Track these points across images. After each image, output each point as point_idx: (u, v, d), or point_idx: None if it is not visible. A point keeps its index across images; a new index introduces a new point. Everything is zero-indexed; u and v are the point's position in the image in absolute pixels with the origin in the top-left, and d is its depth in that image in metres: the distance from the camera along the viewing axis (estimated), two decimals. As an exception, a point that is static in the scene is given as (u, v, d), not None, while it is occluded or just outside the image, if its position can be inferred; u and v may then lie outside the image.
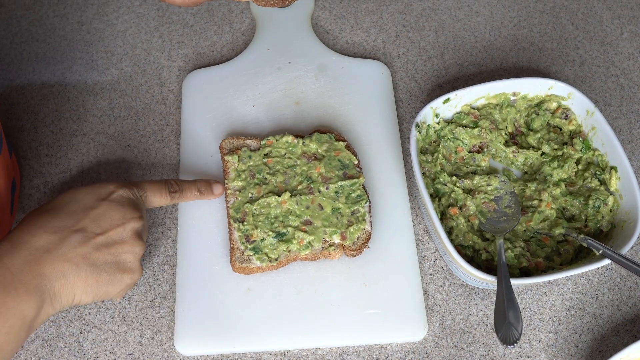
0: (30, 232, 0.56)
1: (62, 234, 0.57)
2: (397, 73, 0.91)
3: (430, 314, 0.73)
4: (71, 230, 0.57)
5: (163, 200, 0.67)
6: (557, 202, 0.76)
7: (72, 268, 0.56)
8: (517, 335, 0.62)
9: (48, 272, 0.55)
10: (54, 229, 0.57)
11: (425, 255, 0.77)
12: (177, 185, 0.69)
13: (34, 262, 0.55)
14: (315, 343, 0.70)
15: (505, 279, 0.65)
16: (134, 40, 0.93)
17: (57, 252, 0.56)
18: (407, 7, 0.97)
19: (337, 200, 0.75)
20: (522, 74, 0.91)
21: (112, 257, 0.59)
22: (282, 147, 0.79)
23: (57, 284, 0.56)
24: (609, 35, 0.96)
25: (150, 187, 0.66)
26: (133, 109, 0.87)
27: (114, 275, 0.59)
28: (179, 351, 0.70)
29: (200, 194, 0.72)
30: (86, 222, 0.58)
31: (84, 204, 0.59)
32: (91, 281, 0.58)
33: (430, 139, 0.80)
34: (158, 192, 0.66)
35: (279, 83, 0.87)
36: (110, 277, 0.59)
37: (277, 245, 0.72)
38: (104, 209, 0.59)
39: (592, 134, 0.78)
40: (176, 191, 0.68)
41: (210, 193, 0.72)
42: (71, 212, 0.58)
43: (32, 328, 0.55)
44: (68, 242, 0.56)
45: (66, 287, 0.56)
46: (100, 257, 0.58)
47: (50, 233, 0.56)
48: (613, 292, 0.75)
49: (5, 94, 0.87)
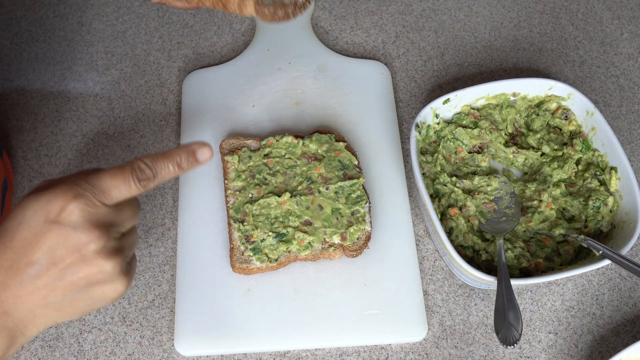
0: None
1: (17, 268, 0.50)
2: (397, 73, 0.91)
3: (430, 314, 0.73)
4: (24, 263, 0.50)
5: (132, 191, 0.53)
6: (557, 203, 0.76)
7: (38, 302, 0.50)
8: (517, 336, 0.62)
9: (12, 310, 0.50)
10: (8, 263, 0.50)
11: (425, 256, 0.77)
12: (147, 168, 0.54)
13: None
14: (315, 343, 0.70)
15: (505, 279, 0.65)
16: (134, 40, 0.93)
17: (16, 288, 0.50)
18: (407, 7, 0.97)
19: (337, 201, 0.75)
20: (522, 74, 0.91)
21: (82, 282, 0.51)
22: (282, 148, 0.79)
23: (25, 319, 0.51)
24: (608, 35, 0.96)
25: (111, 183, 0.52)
26: (133, 109, 0.87)
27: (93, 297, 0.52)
28: (179, 352, 0.70)
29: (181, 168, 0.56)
30: (39, 254, 0.50)
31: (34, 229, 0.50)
32: (67, 309, 0.52)
33: (430, 140, 0.80)
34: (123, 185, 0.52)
35: (279, 83, 0.87)
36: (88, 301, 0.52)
37: (277, 245, 0.72)
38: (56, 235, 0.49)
39: (592, 135, 0.78)
40: (147, 178, 0.53)
41: (194, 161, 0.56)
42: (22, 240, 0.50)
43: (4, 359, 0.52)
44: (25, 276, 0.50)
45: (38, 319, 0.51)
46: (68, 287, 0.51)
47: (6, 268, 0.50)
48: (613, 293, 0.75)
49: (5, 95, 0.87)
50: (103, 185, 0.51)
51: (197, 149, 0.56)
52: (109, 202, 0.52)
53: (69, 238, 0.49)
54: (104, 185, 0.51)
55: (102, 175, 0.52)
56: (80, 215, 0.50)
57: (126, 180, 0.52)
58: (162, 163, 0.54)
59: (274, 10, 0.66)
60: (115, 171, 0.52)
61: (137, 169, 0.53)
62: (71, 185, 0.50)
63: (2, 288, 0.50)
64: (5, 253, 0.50)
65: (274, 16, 0.66)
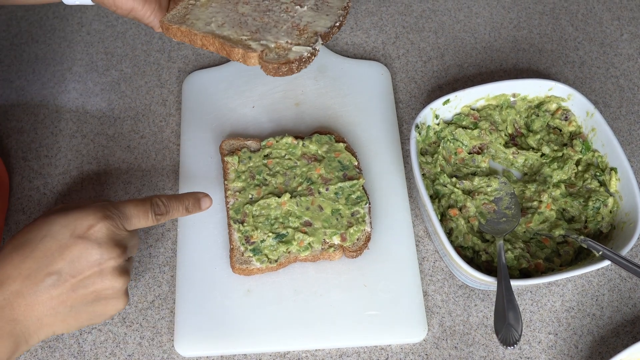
0: (4, 273, 0.54)
1: (35, 277, 0.53)
2: (396, 74, 0.91)
3: (430, 315, 0.73)
4: (45, 273, 0.54)
5: (148, 222, 0.61)
6: (557, 204, 0.76)
7: (47, 312, 0.54)
8: (517, 337, 0.62)
9: (22, 318, 0.53)
10: (27, 272, 0.54)
11: (425, 257, 0.77)
12: (163, 206, 0.62)
13: (7, 307, 0.53)
14: (315, 344, 0.70)
15: (505, 280, 0.65)
16: (134, 41, 0.93)
17: (31, 297, 0.53)
18: (406, 8, 0.97)
19: (337, 202, 0.75)
20: (522, 75, 0.91)
21: (92, 296, 0.56)
22: (282, 148, 0.79)
23: (32, 327, 0.54)
24: (608, 36, 0.96)
25: (134, 212, 0.59)
26: (133, 110, 0.87)
27: (95, 311, 0.57)
28: (179, 352, 0.70)
29: (187, 212, 0.65)
30: (61, 265, 0.54)
31: (59, 242, 0.54)
32: (71, 321, 0.56)
33: (430, 140, 0.80)
34: (143, 216, 0.60)
35: (279, 84, 0.87)
36: (91, 314, 0.57)
37: (277, 246, 0.72)
38: (80, 249, 0.54)
39: (592, 135, 0.78)
40: (162, 213, 0.62)
41: (198, 208, 0.66)
42: (45, 250, 0.54)
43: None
44: (42, 286, 0.54)
45: (43, 329, 0.55)
46: (78, 298, 0.55)
47: (24, 277, 0.53)
48: (613, 294, 0.75)
49: (5, 95, 0.87)
50: (128, 212, 0.59)
51: (202, 198, 0.66)
52: (129, 228, 0.59)
53: (93, 252, 0.55)
54: (129, 212, 0.59)
55: (128, 205, 0.60)
56: (106, 234, 0.56)
57: (146, 212, 0.60)
58: (175, 204, 0.63)
59: (277, 67, 0.66)
60: (138, 203, 0.61)
61: (156, 204, 0.61)
62: (101, 208, 0.57)
63: (17, 296, 0.53)
64: (25, 263, 0.54)
65: (277, 72, 0.66)
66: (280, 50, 0.67)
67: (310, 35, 0.68)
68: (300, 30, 0.69)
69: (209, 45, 0.68)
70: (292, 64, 0.66)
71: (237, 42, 0.67)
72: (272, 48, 0.67)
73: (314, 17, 0.71)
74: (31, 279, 0.53)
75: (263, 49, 0.67)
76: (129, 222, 0.59)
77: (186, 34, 0.69)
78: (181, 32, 0.69)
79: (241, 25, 0.69)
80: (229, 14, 0.70)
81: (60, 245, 0.54)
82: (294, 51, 0.66)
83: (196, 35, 0.68)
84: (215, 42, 0.67)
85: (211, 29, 0.68)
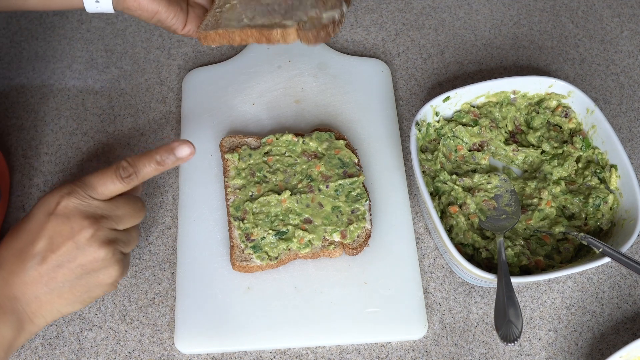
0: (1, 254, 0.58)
1: (23, 257, 0.57)
2: (397, 71, 0.90)
3: (430, 312, 0.73)
4: (29, 254, 0.57)
5: (116, 187, 0.60)
6: (557, 201, 0.76)
7: (42, 289, 0.57)
8: (518, 333, 0.62)
9: (20, 296, 0.56)
10: (16, 252, 0.57)
11: (425, 254, 0.77)
12: (130, 166, 0.60)
13: (5, 286, 0.56)
14: (316, 341, 0.70)
15: (506, 276, 0.65)
16: (134, 38, 0.93)
17: (23, 275, 0.56)
18: (407, 5, 0.97)
19: (337, 199, 0.75)
20: (522, 72, 0.91)
21: (79, 270, 0.58)
22: (282, 146, 0.79)
23: (33, 305, 0.57)
24: (609, 33, 0.96)
25: (97, 181, 0.59)
26: (133, 107, 0.87)
27: (89, 282, 0.59)
28: (179, 349, 0.70)
29: (160, 165, 0.61)
30: (41, 244, 0.57)
31: (37, 221, 0.58)
32: (67, 295, 0.58)
33: (430, 138, 0.80)
34: (109, 180, 0.59)
35: (279, 81, 0.87)
36: (85, 286, 0.59)
37: (277, 243, 0.72)
38: (53, 225, 0.57)
39: (592, 132, 0.78)
40: (129, 174, 0.60)
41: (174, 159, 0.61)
42: (27, 231, 0.58)
43: (13, 347, 0.57)
44: (30, 265, 0.56)
45: (44, 306, 0.57)
46: (66, 273, 0.57)
47: (15, 257, 0.57)
48: (613, 291, 0.75)
49: (5, 93, 0.87)
50: (92, 182, 0.59)
51: (177, 147, 0.61)
52: (98, 197, 0.59)
53: (64, 227, 0.57)
54: (92, 182, 0.59)
55: (92, 175, 0.60)
56: (73, 207, 0.58)
57: (111, 177, 0.60)
58: (142, 162, 0.61)
59: (317, 33, 0.69)
60: (102, 170, 0.61)
61: (120, 167, 0.60)
62: (67, 185, 0.59)
63: (11, 274, 0.56)
64: (15, 242, 0.58)
65: (317, 38, 0.70)
66: (314, 20, 0.71)
67: (333, 1, 0.73)
68: (323, 1, 0.73)
69: (247, 38, 0.72)
70: (328, 27, 0.70)
71: (273, 25, 0.71)
72: (306, 20, 0.71)
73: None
74: (20, 258, 0.57)
75: (298, 23, 0.70)
76: (95, 190, 0.59)
77: (224, 35, 0.72)
78: (219, 35, 0.72)
79: (270, 12, 0.73)
80: (256, 8, 0.74)
81: (38, 224, 0.58)
82: (326, 16, 0.71)
83: (234, 33, 0.72)
84: (253, 32, 0.71)
85: (246, 23, 0.72)
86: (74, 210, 0.58)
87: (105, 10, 0.71)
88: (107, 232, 0.59)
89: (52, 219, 0.57)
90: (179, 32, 0.74)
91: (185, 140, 0.62)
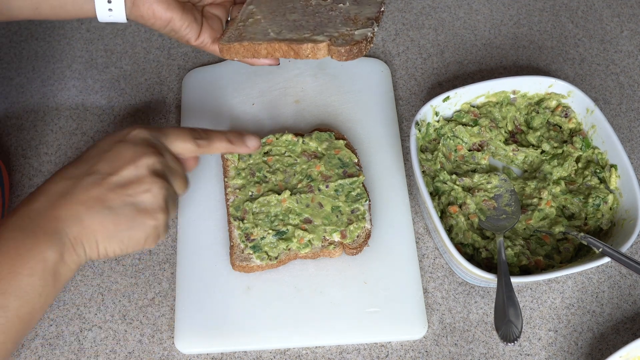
0: (51, 180, 0.57)
1: (77, 178, 0.56)
2: (396, 71, 0.90)
3: (430, 312, 0.73)
4: (85, 174, 0.57)
5: (188, 146, 0.62)
6: (557, 201, 0.76)
7: (86, 211, 0.55)
8: (517, 333, 0.62)
9: (64, 216, 0.55)
10: (70, 175, 0.57)
11: (425, 254, 0.77)
12: (204, 133, 0.63)
13: (50, 207, 0.55)
14: (315, 341, 0.70)
15: (505, 276, 0.65)
16: (134, 38, 0.93)
17: (71, 196, 0.55)
18: (406, 5, 0.97)
19: (337, 199, 0.75)
20: (522, 72, 0.91)
21: (128, 197, 0.56)
22: (282, 146, 0.79)
23: (75, 228, 0.55)
24: (608, 33, 0.96)
25: (173, 132, 0.62)
26: (133, 107, 0.87)
27: (133, 217, 0.57)
28: (179, 349, 0.70)
29: (231, 144, 0.64)
30: (99, 165, 0.57)
31: (100, 148, 0.59)
32: (109, 225, 0.56)
33: (430, 137, 0.80)
34: (182, 137, 0.62)
35: (279, 81, 0.87)
36: (129, 220, 0.56)
37: (277, 243, 0.72)
38: (118, 149, 0.58)
39: (592, 132, 0.78)
40: (203, 138, 0.63)
41: (243, 145, 0.65)
42: (88, 157, 0.58)
43: (59, 274, 0.54)
44: (81, 185, 0.56)
45: (85, 232, 0.55)
46: (115, 198, 0.56)
47: (67, 179, 0.56)
48: (613, 290, 0.75)
49: (5, 93, 0.87)
50: (168, 131, 0.62)
51: (247, 136, 0.66)
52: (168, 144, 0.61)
53: (128, 151, 0.58)
54: (168, 132, 0.62)
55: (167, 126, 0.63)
56: (143, 137, 0.59)
57: (187, 135, 0.62)
58: (217, 135, 0.64)
59: (349, 49, 0.69)
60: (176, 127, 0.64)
61: (196, 130, 0.63)
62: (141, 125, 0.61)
63: (59, 196, 0.56)
64: (70, 168, 0.58)
65: (349, 54, 0.70)
66: (346, 37, 0.71)
67: (364, 20, 0.72)
68: (353, 19, 0.73)
69: (274, 52, 0.72)
70: (360, 44, 0.70)
71: (302, 40, 0.71)
72: (337, 36, 0.71)
73: (359, 8, 0.75)
74: (72, 180, 0.56)
75: (330, 38, 0.70)
76: (168, 138, 0.61)
77: (249, 48, 0.72)
78: (244, 48, 0.72)
79: (298, 28, 0.73)
80: (282, 23, 0.74)
81: (102, 150, 0.59)
82: (358, 33, 0.71)
83: (260, 46, 0.71)
84: (282, 45, 0.71)
85: (273, 37, 0.72)
86: (144, 139, 0.59)
87: (118, 20, 0.70)
88: (167, 167, 0.59)
89: (119, 144, 0.58)
90: (192, 42, 0.73)
91: (255, 136, 0.66)
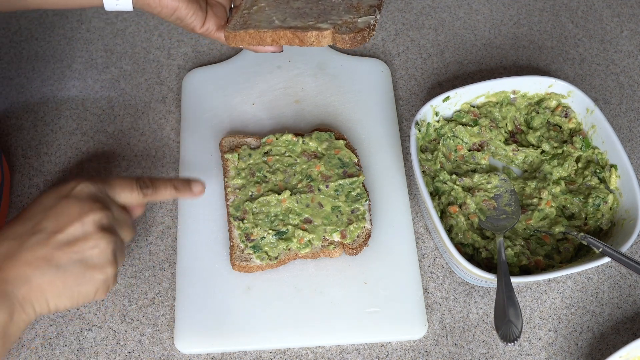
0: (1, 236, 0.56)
1: (22, 238, 0.55)
2: (396, 71, 0.90)
3: (430, 312, 0.73)
4: (30, 232, 0.55)
5: (134, 196, 0.62)
6: (557, 201, 0.76)
7: (34, 272, 0.54)
8: (517, 333, 0.62)
9: (11, 278, 0.54)
10: (14, 234, 0.55)
11: (425, 254, 0.77)
12: (150, 181, 0.63)
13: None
14: (315, 341, 0.70)
15: (505, 276, 0.65)
16: (134, 38, 0.93)
17: (17, 257, 0.54)
18: (406, 5, 0.97)
19: (337, 199, 0.75)
20: (522, 72, 0.91)
21: (76, 255, 0.55)
22: (282, 146, 0.79)
23: (23, 288, 0.54)
24: (608, 33, 0.96)
25: (118, 183, 0.61)
26: (133, 107, 0.87)
27: (82, 273, 0.56)
28: (179, 349, 0.70)
29: (177, 191, 0.65)
30: (45, 223, 0.56)
31: (44, 205, 0.57)
32: (58, 283, 0.55)
33: (430, 137, 0.80)
34: (127, 188, 0.61)
35: (279, 81, 0.87)
36: (78, 277, 0.56)
37: (277, 243, 0.72)
38: (63, 205, 0.57)
39: (592, 132, 0.78)
40: (148, 187, 0.62)
41: (188, 190, 0.65)
42: (32, 214, 0.57)
43: (8, 335, 0.54)
44: (27, 245, 0.55)
45: (34, 292, 0.55)
46: (62, 256, 0.55)
47: (11, 239, 0.55)
48: (613, 290, 0.75)
49: (5, 92, 0.87)
50: (112, 182, 0.61)
51: (193, 182, 0.66)
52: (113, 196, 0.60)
53: (74, 207, 0.57)
54: (113, 182, 0.61)
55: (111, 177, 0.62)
56: (88, 192, 0.58)
57: (131, 185, 0.61)
58: (163, 182, 0.64)
59: (353, 36, 0.71)
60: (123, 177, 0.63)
61: (141, 180, 0.62)
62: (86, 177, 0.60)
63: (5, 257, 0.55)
64: (20, 225, 0.56)
65: (353, 42, 0.71)
66: (349, 24, 0.72)
67: (366, 8, 0.74)
68: (356, 7, 0.74)
69: (279, 39, 0.73)
70: (364, 31, 0.71)
71: (307, 27, 0.72)
72: (341, 24, 0.72)
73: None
74: (17, 240, 0.55)
75: (334, 26, 0.72)
76: (113, 189, 0.60)
77: (254, 35, 0.73)
78: (249, 35, 0.73)
79: (302, 15, 0.74)
80: (286, 11, 0.75)
81: (46, 207, 0.57)
82: (361, 21, 0.72)
83: (265, 33, 0.73)
84: (287, 33, 0.72)
85: (278, 25, 0.73)
86: (89, 194, 0.58)
87: (125, 8, 0.71)
88: (113, 220, 0.59)
89: (64, 201, 0.57)
90: (197, 30, 0.74)
91: (201, 181, 0.66)
